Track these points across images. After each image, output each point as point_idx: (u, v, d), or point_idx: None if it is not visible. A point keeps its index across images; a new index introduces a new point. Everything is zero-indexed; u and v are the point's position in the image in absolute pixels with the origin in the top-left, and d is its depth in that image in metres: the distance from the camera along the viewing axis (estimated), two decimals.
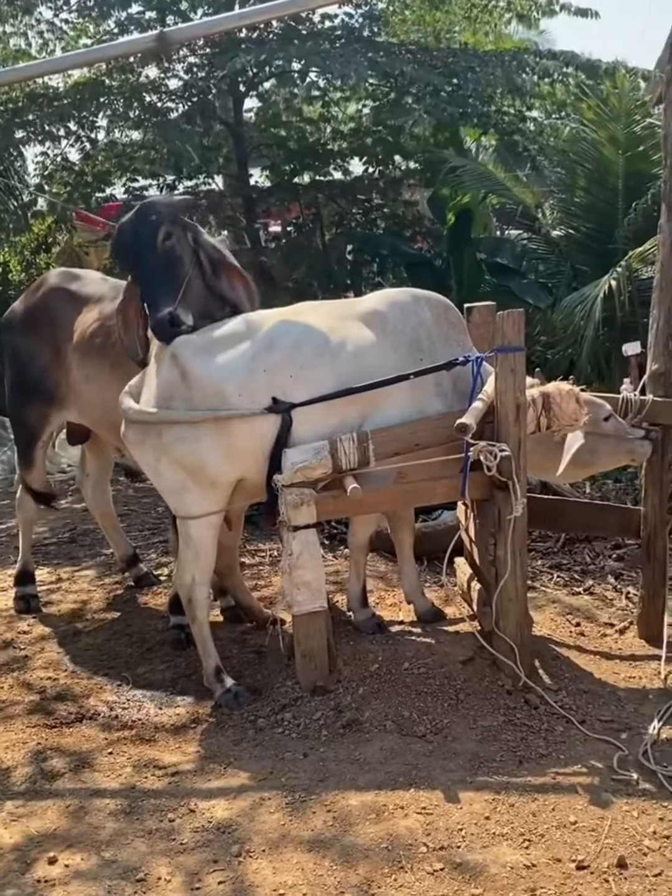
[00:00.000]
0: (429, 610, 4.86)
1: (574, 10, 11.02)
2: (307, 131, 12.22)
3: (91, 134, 10.10)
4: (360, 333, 4.19)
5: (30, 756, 3.93)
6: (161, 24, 10.98)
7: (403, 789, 3.48)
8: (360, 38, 10.08)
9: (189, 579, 4.32)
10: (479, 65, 9.21)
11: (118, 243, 4.51)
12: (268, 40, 9.56)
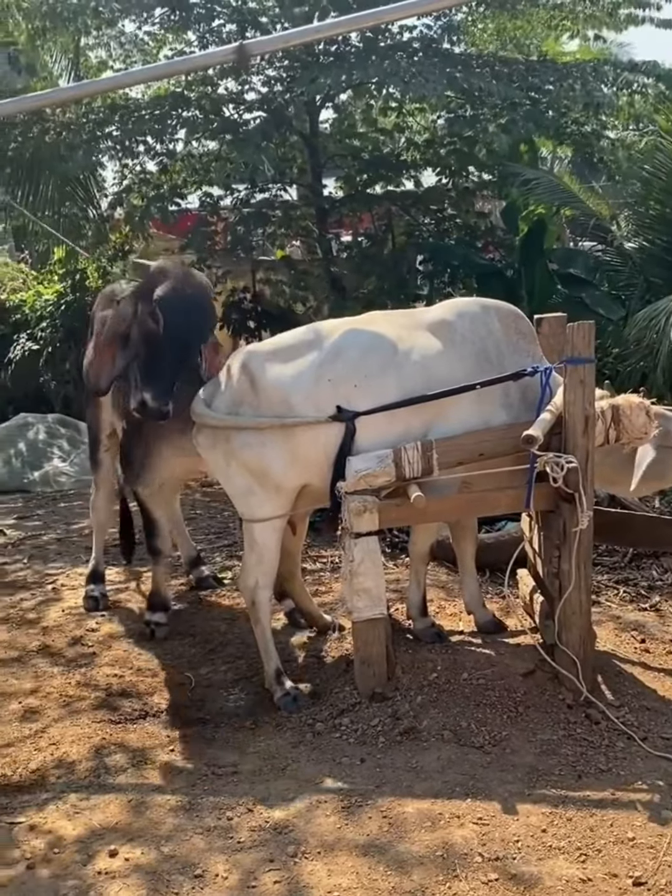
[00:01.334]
0: (489, 621, 4.86)
1: (657, 21, 10.96)
2: (381, 142, 12.28)
3: (169, 146, 10.26)
4: (427, 343, 4.21)
5: (94, 751, 4.02)
6: (241, 37, 11.16)
7: (460, 799, 3.48)
8: (438, 50, 10.05)
9: (252, 582, 4.38)
10: (558, 78, 9.15)
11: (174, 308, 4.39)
12: (346, 55, 9.62)
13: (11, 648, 5.17)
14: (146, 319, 4.33)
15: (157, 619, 5.22)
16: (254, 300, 11.64)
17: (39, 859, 3.28)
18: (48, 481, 9.66)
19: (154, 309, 4.28)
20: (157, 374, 4.32)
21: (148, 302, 4.32)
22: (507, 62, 10.12)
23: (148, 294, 4.36)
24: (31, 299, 13.20)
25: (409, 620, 4.80)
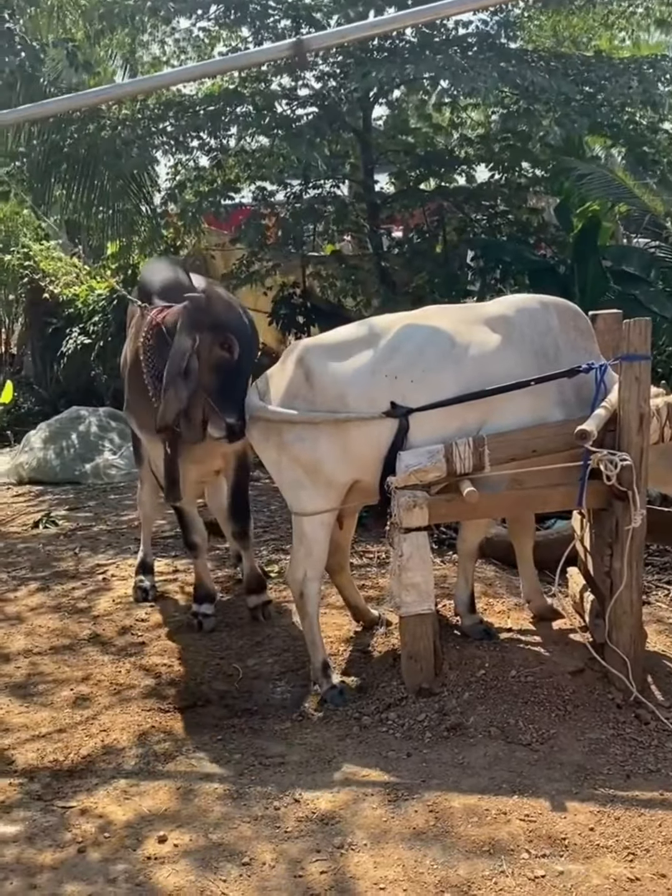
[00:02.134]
0: (547, 608, 4.88)
1: None
2: (434, 138, 12.24)
3: (223, 142, 10.30)
4: (485, 339, 4.20)
5: (144, 738, 4.07)
6: (295, 33, 11.18)
7: (507, 795, 3.47)
8: (493, 45, 9.98)
9: (301, 574, 4.40)
10: (614, 74, 9.04)
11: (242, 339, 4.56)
12: (400, 50, 9.59)
13: (63, 636, 5.25)
14: (215, 349, 4.42)
15: (203, 611, 5.28)
16: (303, 295, 11.67)
17: (90, 843, 3.33)
18: (99, 473, 9.78)
19: (227, 337, 4.41)
20: (235, 398, 4.44)
21: (212, 332, 4.41)
22: (562, 57, 10.01)
23: (205, 324, 4.42)
24: (84, 294, 13.37)
25: (457, 617, 4.78)
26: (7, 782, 3.76)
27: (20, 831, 3.43)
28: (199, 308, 4.45)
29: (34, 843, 3.35)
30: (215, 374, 4.45)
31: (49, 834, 3.40)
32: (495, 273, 10.90)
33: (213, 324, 4.43)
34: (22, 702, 4.50)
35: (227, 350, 4.42)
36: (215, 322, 4.44)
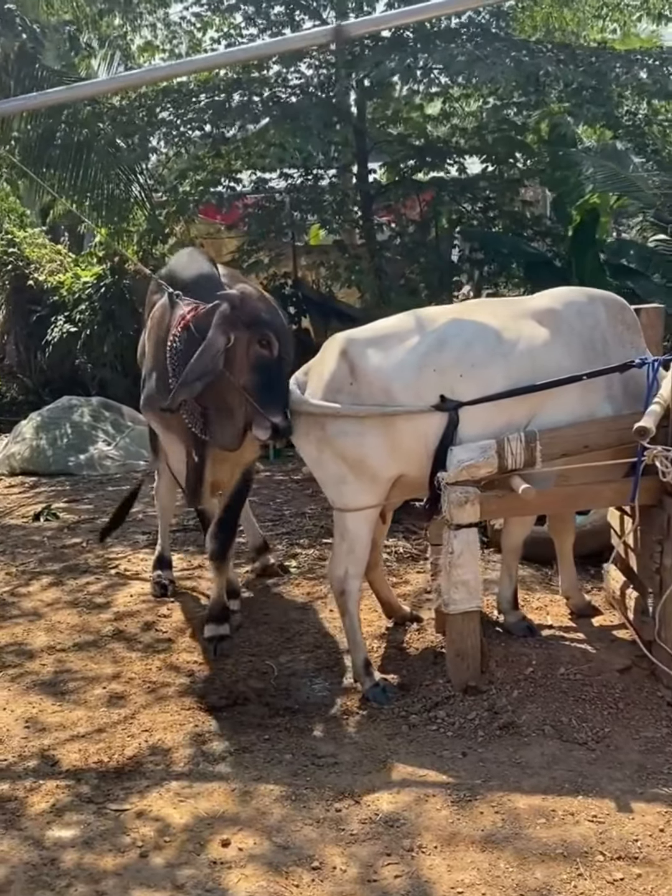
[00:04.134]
0: (586, 605, 4.89)
1: None
2: (427, 128, 12.18)
3: (224, 131, 10.18)
4: (533, 332, 4.15)
5: (189, 738, 3.98)
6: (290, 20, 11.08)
7: (571, 796, 3.43)
8: (498, 36, 9.94)
9: (342, 571, 4.33)
10: (623, 64, 9.04)
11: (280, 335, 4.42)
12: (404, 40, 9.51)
13: (85, 632, 5.15)
14: (253, 347, 4.26)
15: (221, 632, 4.94)
16: (294, 286, 11.57)
17: (151, 847, 3.25)
18: (93, 465, 9.61)
19: (265, 335, 4.26)
20: (278, 397, 4.30)
21: (249, 330, 4.25)
22: (568, 48, 10.00)
23: (241, 322, 4.25)
24: (69, 282, 13.15)
25: (500, 614, 4.74)
26: (54, 784, 3.66)
27: (76, 835, 3.33)
28: (235, 306, 4.26)
29: (93, 847, 3.26)
30: (256, 374, 4.27)
31: (107, 838, 3.31)
32: (492, 265, 10.89)
33: (249, 322, 4.26)
34: (54, 700, 4.40)
35: (266, 348, 4.25)
36: (252, 320, 4.27)
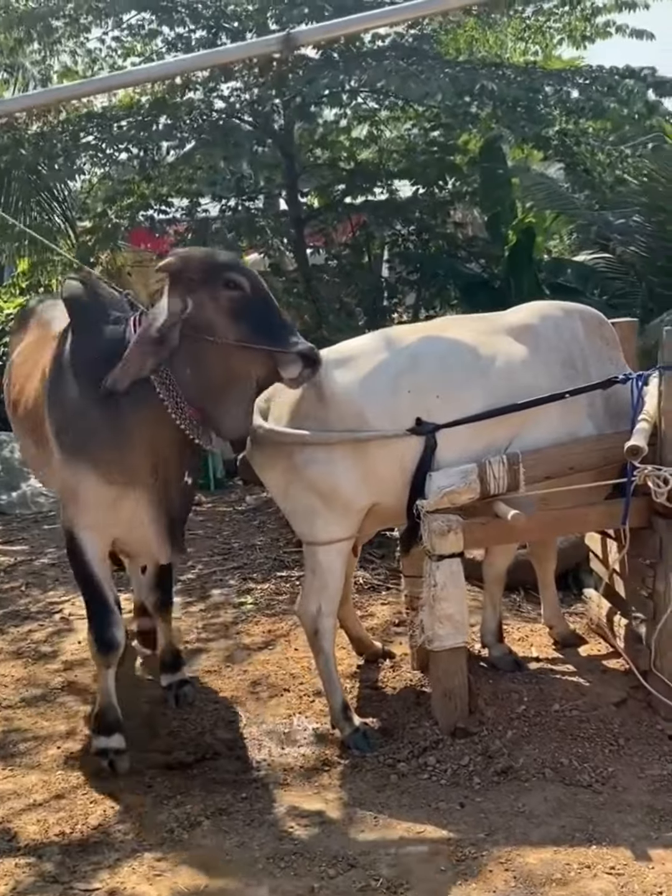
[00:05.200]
0: (570, 634, 4.69)
1: (630, 31, 10.90)
2: (356, 152, 12.06)
3: (154, 155, 9.89)
4: (510, 349, 3.93)
5: (158, 801, 3.61)
6: (211, 44, 10.85)
7: (583, 846, 3.17)
8: (428, 54, 9.85)
9: (315, 609, 4.03)
10: (556, 82, 9.01)
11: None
12: (333, 60, 9.35)
13: (33, 686, 4.75)
14: (221, 296, 3.62)
15: (112, 745, 3.96)
16: None
17: None
18: (26, 503, 9.14)
19: (227, 277, 3.64)
20: (283, 326, 3.68)
21: (206, 284, 3.62)
22: (501, 65, 9.98)
23: (193, 282, 3.64)
24: None
25: (484, 648, 4.49)
26: (13, 863, 3.26)
27: None
28: (179, 270, 3.61)
29: None
30: (243, 318, 3.54)
31: None
32: (429, 287, 10.77)
33: (202, 275, 3.61)
34: (4, 764, 4.00)
35: (236, 288, 3.60)
36: (204, 271, 3.62)
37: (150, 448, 3.68)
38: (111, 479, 3.69)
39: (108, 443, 3.65)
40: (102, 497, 3.73)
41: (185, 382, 3.59)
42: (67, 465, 3.74)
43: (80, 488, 3.74)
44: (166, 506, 3.79)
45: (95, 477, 3.68)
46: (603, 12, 10.97)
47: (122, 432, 3.64)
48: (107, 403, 3.59)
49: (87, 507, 3.78)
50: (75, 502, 3.80)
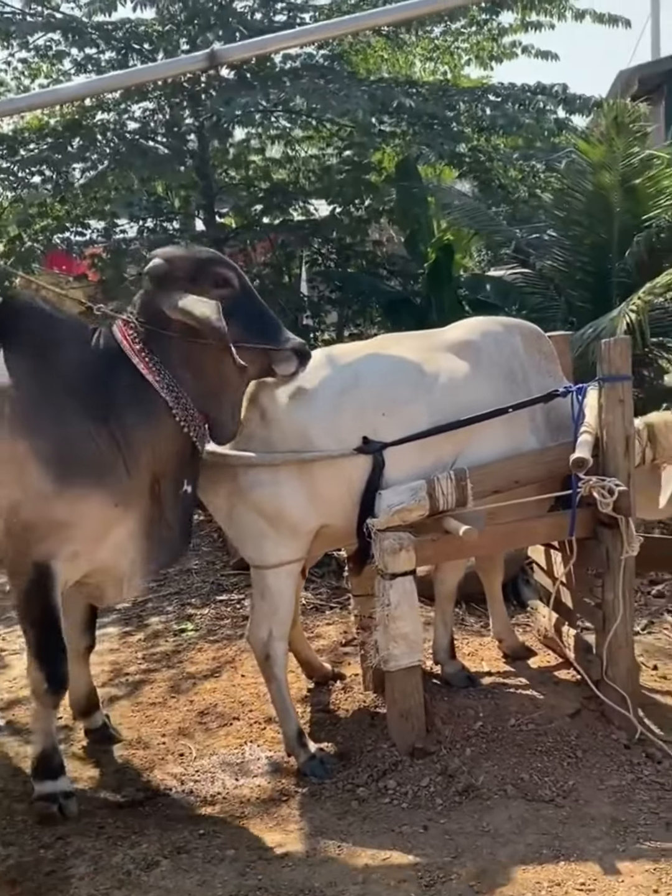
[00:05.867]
0: (520, 647, 4.70)
1: (535, 52, 11.14)
2: (271, 171, 12.07)
3: (68, 178, 9.72)
4: (453, 365, 3.92)
5: (112, 842, 3.47)
6: (122, 67, 10.71)
7: (552, 863, 3.15)
8: (342, 73, 9.91)
9: (265, 634, 3.96)
10: (470, 99, 9.15)
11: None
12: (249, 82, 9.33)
13: None
14: (211, 294, 3.59)
15: (60, 789, 3.73)
16: None
17: None
18: None
19: (214, 274, 3.66)
20: (273, 323, 3.75)
21: (194, 283, 3.59)
22: (416, 83, 10.10)
23: (181, 278, 3.58)
24: None
25: (437, 665, 4.46)
26: None
27: None
28: (165, 273, 3.54)
29: None
30: (234, 318, 3.47)
31: None
32: (354, 305, 10.80)
33: (189, 273, 3.54)
34: None
35: (224, 286, 3.56)
36: (191, 269, 3.55)
37: (154, 460, 3.55)
38: (116, 501, 3.48)
39: (113, 462, 3.47)
40: (103, 521, 3.50)
41: (189, 388, 3.52)
42: (61, 495, 3.39)
43: (76, 517, 3.44)
44: (157, 524, 3.63)
45: (100, 501, 3.45)
46: (509, 32, 11.22)
47: (129, 448, 3.48)
48: (106, 420, 3.45)
49: (78, 536, 3.49)
50: (60, 533, 3.46)
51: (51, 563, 3.48)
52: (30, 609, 3.58)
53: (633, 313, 6.92)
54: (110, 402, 3.50)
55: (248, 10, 10.28)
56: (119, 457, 3.47)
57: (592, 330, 7.25)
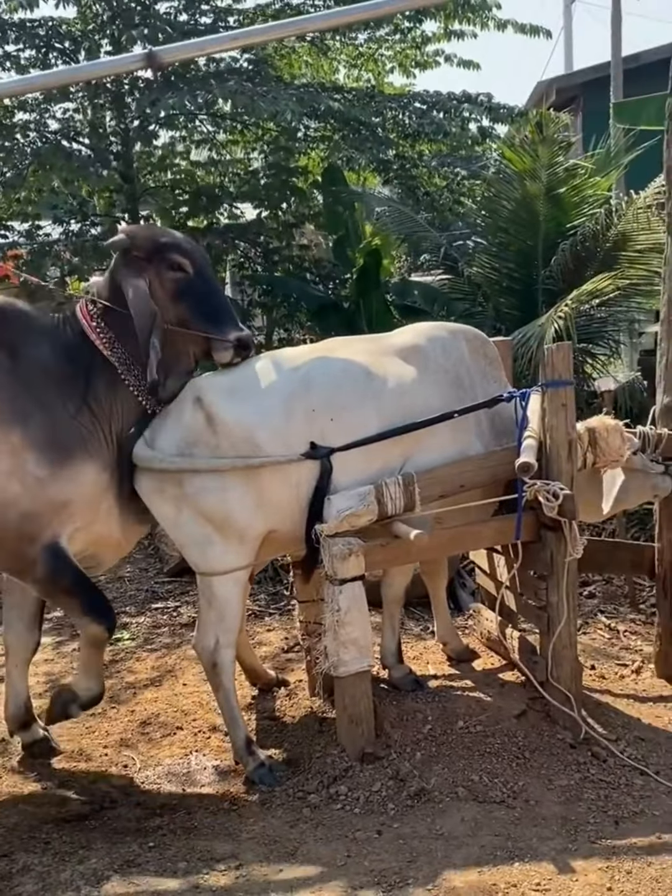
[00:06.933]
0: (464, 650, 4.75)
1: (458, 61, 11.27)
2: (197, 175, 11.99)
3: None
4: (401, 370, 3.94)
5: (58, 858, 3.39)
6: (43, 65, 10.52)
7: (506, 864, 3.17)
8: (269, 76, 9.89)
9: (212, 642, 3.92)
10: (397, 106, 9.22)
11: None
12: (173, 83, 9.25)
13: None
14: (166, 278, 3.91)
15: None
16: None
17: None
18: None
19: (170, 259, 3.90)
20: (223, 310, 4.01)
21: (153, 263, 3.89)
22: (342, 89, 10.13)
23: (141, 258, 3.89)
24: None
25: (385, 669, 4.46)
26: None
27: None
28: (127, 248, 3.83)
29: None
30: (183, 301, 3.84)
31: None
32: (282, 309, 10.77)
33: (147, 255, 3.81)
34: None
35: (179, 269, 3.83)
36: (149, 251, 3.82)
37: (120, 426, 3.86)
38: (103, 467, 3.79)
39: (95, 433, 3.79)
40: (98, 489, 3.79)
41: (137, 357, 3.78)
42: (58, 476, 3.67)
43: (75, 492, 3.72)
44: (125, 482, 3.89)
45: (94, 471, 3.76)
46: (433, 41, 11.32)
47: (103, 417, 3.81)
48: (84, 396, 3.77)
49: (77, 512, 3.76)
50: (62, 513, 3.72)
51: (59, 541, 3.74)
52: (58, 584, 3.81)
53: (561, 320, 7.05)
54: (82, 379, 3.80)
55: (172, 11, 10.18)
56: (97, 426, 3.79)
57: (521, 336, 7.37)
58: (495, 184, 8.83)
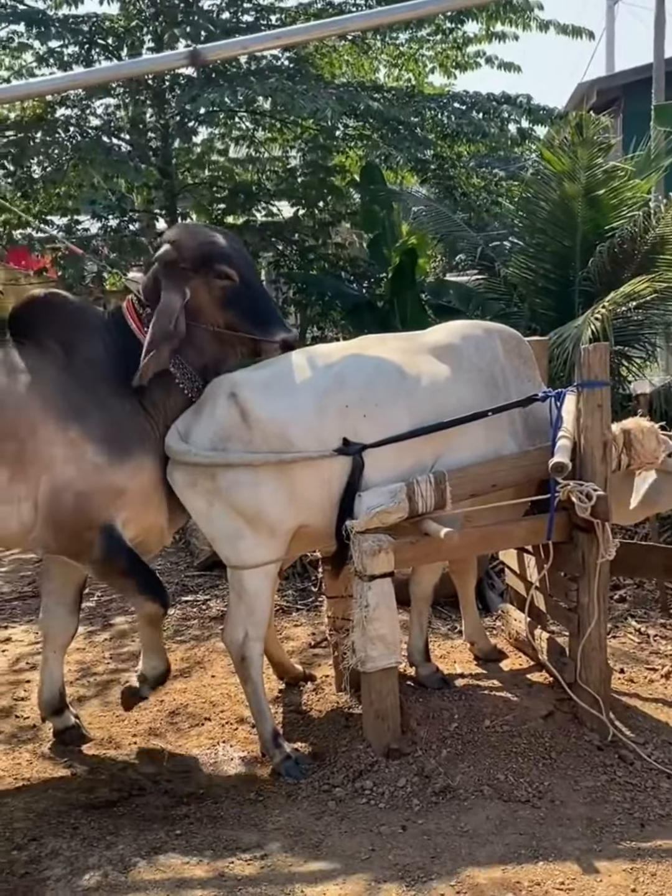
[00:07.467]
0: (492, 650, 4.74)
1: (499, 63, 11.22)
2: (235, 172, 12.05)
3: (29, 173, 9.62)
4: (435, 369, 3.94)
5: (87, 843, 3.43)
6: (85, 60, 10.62)
7: (530, 863, 3.17)
8: (309, 75, 9.92)
9: (241, 635, 3.94)
10: (436, 107, 9.21)
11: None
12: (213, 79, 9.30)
13: None
14: (213, 287, 4.06)
15: None
16: None
17: None
18: None
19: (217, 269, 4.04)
20: (270, 312, 4.22)
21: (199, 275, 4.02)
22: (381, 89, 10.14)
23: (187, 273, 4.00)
24: None
25: (412, 667, 4.47)
26: None
27: None
28: (174, 261, 3.95)
29: None
30: (232, 307, 4.00)
31: None
32: (317, 307, 10.80)
33: (196, 263, 3.95)
34: None
35: (226, 278, 3.97)
36: (198, 259, 3.96)
37: (165, 421, 4.01)
38: (157, 461, 3.95)
39: (150, 429, 3.97)
40: (153, 481, 3.96)
41: (190, 361, 3.99)
42: (115, 467, 3.84)
43: (132, 483, 3.90)
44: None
45: (150, 466, 3.93)
46: (474, 42, 11.28)
47: (156, 414, 3.98)
48: (134, 398, 3.92)
49: (129, 502, 3.92)
50: (116, 500, 3.88)
51: (114, 525, 3.90)
52: (115, 565, 3.96)
53: (598, 321, 7.01)
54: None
55: (215, 8, 10.23)
56: (150, 422, 3.96)
57: (557, 337, 7.34)
58: (533, 185, 8.79)
